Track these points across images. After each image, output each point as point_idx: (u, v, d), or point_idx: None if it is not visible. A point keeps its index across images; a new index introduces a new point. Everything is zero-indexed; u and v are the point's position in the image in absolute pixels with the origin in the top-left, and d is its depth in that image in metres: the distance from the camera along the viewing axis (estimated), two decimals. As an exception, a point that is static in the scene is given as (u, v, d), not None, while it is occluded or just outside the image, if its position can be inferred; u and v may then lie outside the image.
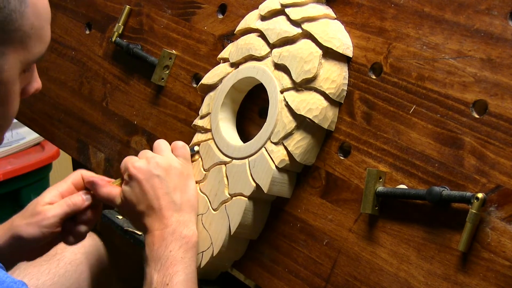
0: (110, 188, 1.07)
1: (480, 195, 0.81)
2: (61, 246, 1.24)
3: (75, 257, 1.25)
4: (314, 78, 0.98)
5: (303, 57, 0.99)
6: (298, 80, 0.99)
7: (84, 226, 1.09)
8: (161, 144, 1.08)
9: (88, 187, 1.09)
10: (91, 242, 1.29)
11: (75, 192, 1.09)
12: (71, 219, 1.08)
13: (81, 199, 1.07)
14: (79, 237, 1.10)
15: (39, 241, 1.06)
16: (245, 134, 1.10)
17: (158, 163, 1.04)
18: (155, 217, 1.02)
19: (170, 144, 1.09)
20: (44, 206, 1.06)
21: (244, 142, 1.06)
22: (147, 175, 1.03)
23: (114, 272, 1.32)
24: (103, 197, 1.07)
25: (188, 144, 1.12)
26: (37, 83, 0.92)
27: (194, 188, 1.06)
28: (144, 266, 1.01)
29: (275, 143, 1.00)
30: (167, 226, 1.01)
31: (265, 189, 0.99)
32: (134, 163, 1.05)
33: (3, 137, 0.91)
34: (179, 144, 1.08)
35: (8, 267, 1.09)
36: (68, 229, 1.08)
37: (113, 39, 1.32)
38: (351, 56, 0.98)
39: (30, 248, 1.08)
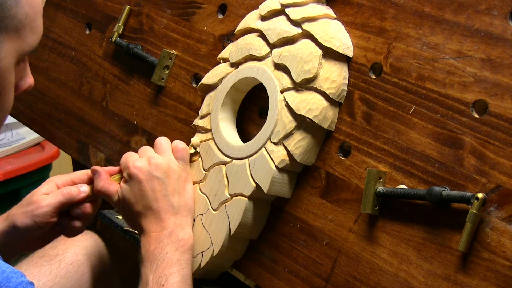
0: (108, 182, 1.07)
1: (480, 195, 0.81)
2: (62, 247, 1.24)
3: (76, 258, 1.25)
4: (314, 78, 0.98)
5: (303, 57, 0.99)
6: (298, 80, 0.99)
7: (79, 221, 1.09)
8: (163, 143, 1.08)
9: (91, 174, 1.09)
10: (92, 243, 1.29)
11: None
12: (67, 213, 1.08)
13: (77, 190, 1.07)
14: (75, 232, 1.10)
15: (33, 231, 1.06)
16: (245, 134, 1.10)
17: (159, 165, 1.04)
18: (153, 219, 1.02)
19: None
20: (40, 196, 1.06)
21: (244, 142, 1.06)
22: (147, 176, 1.03)
23: (116, 273, 1.32)
24: (100, 190, 1.07)
25: (188, 143, 1.12)
26: (30, 79, 0.93)
27: (191, 191, 1.07)
28: (139, 267, 1.02)
29: (275, 143, 1.00)
30: (164, 229, 1.02)
31: (265, 189, 0.99)
32: (135, 163, 1.05)
33: None
34: (180, 146, 1.08)
35: (7, 257, 1.08)
36: (63, 223, 1.08)
37: (113, 39, 1.32)
38: (351, 56, 0.98)
39: (26, 238, 1.08)
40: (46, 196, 1.07)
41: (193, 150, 1.11)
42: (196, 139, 1.11)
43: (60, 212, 1.07)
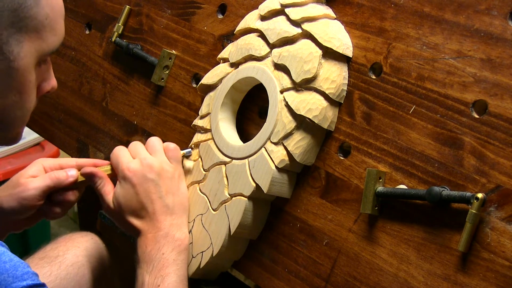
0: (106, 181, 1.07)
1: (480, 195, 0.81)
2: (63, 248, 1.24)
3: (77, 259, 1.25)
4: (314, 78, 0.98)
5: (303, 57, 0.99)
6: (298, 80, 0.99)
7: (59, 207, 1.10)
8: (155, 143, 1.08)
9: (86, 179, 1.09)
10: (93, 245, 1.29)
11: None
12: (48, 197, 1.08)
13: (65, 174, 1.07)
14: (54, 217, 1.10)
15: (20, 214, 1.07)
16: (245, 134, 1.10)
17: (152, 166, 1.04)
18: (149, 221, 1.03)
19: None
20: (27, 179, 1.07)
21: (244, 142, 1.06)
22: (141, 179, 1.03)
23: (116, 274, 1.32)
24: (97, 188, 1.07)
25: (188, 143, 1.12)
26: (53, 81, 0.95)
27: (185, 190, 1.07)
28: (135, 268, 1.02)
29: (275, 143, 1.00)
30: (160, 230, 1.02)
31: (265, 189, 0.99)
32: (128, 164, 1.05)
33: (21, 132, 0.93)
34: (171, 146, 1.08)
35: None
36: (44, 207, 1.09)
37: (113, 39, 1.32)
38: (351, 56, 0.98)
39: (13, 220, 1.08)
40: (33, 179, 1.07)
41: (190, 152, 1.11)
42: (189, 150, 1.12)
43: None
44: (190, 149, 1.11)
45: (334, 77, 0.97)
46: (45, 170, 1.09)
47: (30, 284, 0.80)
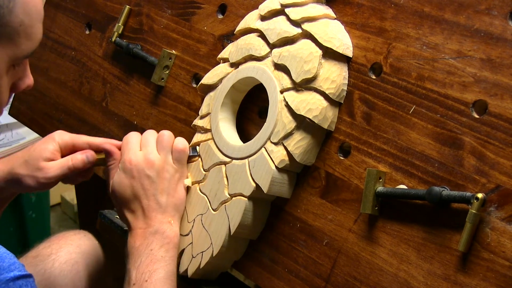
0: (115, 168, 1.10)
1: (480, 195, 0.81)
2: (56, 246, 1.25)
3: (70, 256, 1.26)
4: (314, 78, 0.98)
5: (303, 57, 0.99)
6: (298, 80, 0.99)
7: (73, 179, 1.16)
8: (165, 139, 1.09)
9: (104, 152, 1.12)
10: (86, 242, 1.30)
11: (73, 151, 1.13)
12: None
13: (82, 163, 1.11)
14: (67, 183, 1.17)
15: (36, 190, 1.14)
16: (245, 134, 1.10)
17: (153, 163, 1.06)
18: (140, 215, 1.05)
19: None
20: (47, 163, 1.11)
21: (244, 142, 1.06)
22: (139, 174, 1.06)
23: (111, 272, 1.32)
24: (107, 170, 1.11)
25: (188, 143, 1.12)
26: (28, 79, 0.95)
27: (183, 193, 1.08)
28: (125, 262, 1.03)
29: (275, 143, 1.00)
30: (149, 226, 1.03)
31: (265, 189, 0.99)
32: (131, 156, 1.07)
33: None
34: (179, 147, 1.09)
35: (5, 200, 1.17)
36: None
37: (113, 39, 1.32)
38: (351, 56, 0.98)
39: (27, 191, 1.15)
40: (53, 166, 1.10)
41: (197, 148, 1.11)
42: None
43: None
44: (196, 150, 1.11)
45: (334, 77, 0.97)
46: (60, 149, 1.13)
47: (17, 275, 0.81)
